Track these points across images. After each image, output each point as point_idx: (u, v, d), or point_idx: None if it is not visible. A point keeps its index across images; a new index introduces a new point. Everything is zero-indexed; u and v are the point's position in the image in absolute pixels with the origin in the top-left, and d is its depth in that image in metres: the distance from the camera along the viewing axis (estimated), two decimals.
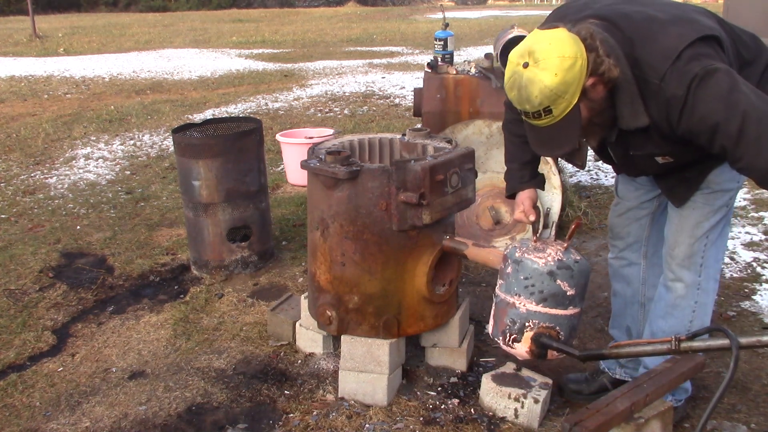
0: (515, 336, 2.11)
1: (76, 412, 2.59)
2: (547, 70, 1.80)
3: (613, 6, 2.02)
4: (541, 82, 1.81)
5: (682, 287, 2.32)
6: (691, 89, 1.81)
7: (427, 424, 2.43)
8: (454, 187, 2.49)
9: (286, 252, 4.02)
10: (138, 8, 27.26)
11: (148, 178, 5.57)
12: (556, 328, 2.09)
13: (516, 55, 1.88)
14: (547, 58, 1.80)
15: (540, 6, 27.91)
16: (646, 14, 1.96)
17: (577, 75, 1.82)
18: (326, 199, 2.50)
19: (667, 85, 1.85)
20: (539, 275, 2.07)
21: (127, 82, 10.09)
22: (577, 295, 2.11)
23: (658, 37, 1.88)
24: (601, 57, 1.84)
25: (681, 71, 1.82)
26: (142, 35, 16.47)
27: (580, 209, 4.29)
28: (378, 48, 13.68)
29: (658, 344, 1.92)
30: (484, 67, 4.12)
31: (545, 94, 1.82)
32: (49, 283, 3.66)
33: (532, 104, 1.86)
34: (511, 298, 2.12)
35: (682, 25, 1.90)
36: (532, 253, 2.12)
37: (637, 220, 2.50)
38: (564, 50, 1.80)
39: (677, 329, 2.37)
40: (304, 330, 2.89)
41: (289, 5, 28.50)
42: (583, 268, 2.13)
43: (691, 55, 1.82)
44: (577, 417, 2.02)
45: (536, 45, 1.83)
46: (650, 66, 1.87)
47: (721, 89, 1.78)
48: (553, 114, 1.87)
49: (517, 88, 1.87)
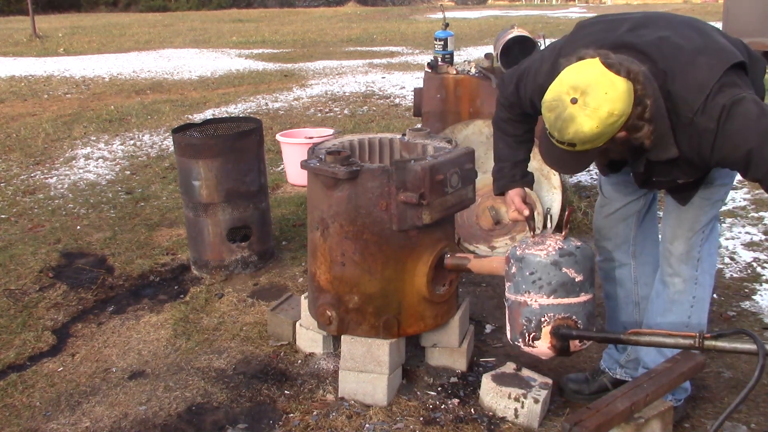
0: (534, 334, 2.08)
1: (76, 412, 2.59)
2: (591, 119, 1.79)
3: (639, 32, 2.00)
4: (581, 126, 1.80)
5: (680, 282, 2.32)
6: (721, 121, 1.83)
7: (427, 424, 2.43)
8: (454, 187, 2.49)
9: (286, 252, 4.02)
10: (138, 8, 27.26)
11: (148, 178, 5.57)
12: (572, 317, 2.06)
13: (569, 83, 1.83)
14: (598, 108, 1.78)
15: (540, 6, 27.90)
16: (672, 43, 1.94)
17: (615, 130, 1.83)
18: (326, 199, 2.50)
19: (699, 119, 1.86)
20: (544, 267, 2.05)
21: (127, 82, 10.09)
22: (586, 281, 2.09)
23: (689, 70, 1.88)
24: (644, 120, 1.84)
25: (710, 104, 1.84)
26: (142, 35, 16.47)
27: (581, 209, 4.29)
28: (378, 48, 13.68)
29: (680, 338, 1.89)
30: (484, 67, 4.13)
31: (578, 137, 1.83)
32: (49, 283, 3.66)
33: (561, 135, 1.86)
34: (521, 297, 2.09)
35: (710, 55, 1.90)
36: (532, 248, 2.11)
37: (624, 220, 2.50)
38: (616, 107, 1.78)
39: (676, 326, 2.37)
40: (304, 330, 2.89)
41: (289, 5, 28.50)
42: (586, 252, 2.11)
43: (718, 88, 1.84)
44: (577, 417, 2.02)
45: (593, 88, 1.79)
46: (684, 100, 1.87)
47: (750, 117, 1.80)
48: (575, 148, 1.89)
49: (556, 114, 1.85)
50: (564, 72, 1.87)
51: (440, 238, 2.55)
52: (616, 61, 1.83)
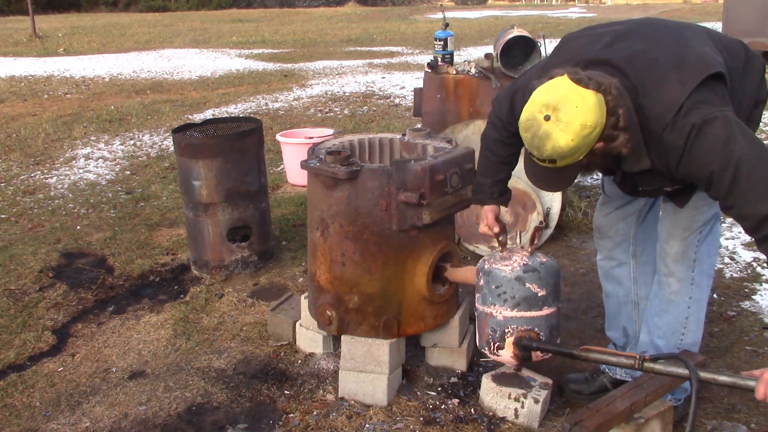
0: (498, 344, 2.23)
1: (76, 412, 2.59)
2: (566, 133, 1.82)
3: (617, 46, 2.02)
4: (557, 141, 1.83)
5: (675, 282, 2.33)
6: (690, 140, 1.86)
7: (427, 424, 2.43)
8: (454, 187, 2.49)
9: (286, 252, 4.02)
10: (138, 8, 27.26)
11: (148, 178, 5.57)
12: (534, 329, 2.20)
13: (540, 102, 1.87)
14: (570, 122, 1.81)
15: (540, 6, 27.90)
16: (647, 57, 1.97)
17: (591, 141, 1.85)
18: (326, 199, 2.50)
19: (668, 135, 1.89)
20: (508, 282, 2.20)
21: (127, 82, 10.09)
22: (550, 295, 2.23)
23: (660, 87, 1.91)
24: (618, 130, 1.87)
25: (680, 122, 1.87)
26: (142, 35, 16.48)
27: (580, 209, 4.29)
28: (378, 48, 13.68)
29: (623, 358, 2.04)
30: (484, 67, 4.13)
31: (557, 152, 1.85)
32: (49, 283, 3.66)
33: (540, 153, 1.89)
34: (488, 309, 2.24)
35: (684, 70, 1.92)
36: (499, 263, 2.25)
37: (624, 218, 2.50)
38: (587, 118, 1.81)
39: (673, 325, 2.37)
40: (304, 330, 2.89)
41: (289, 5, 28.50)
42: (550, 268, 2.25)
43: (690, 105, 1.86)
44: (577, 417, 2.02)
45: (564, 104, 1.82)
46: (654, 116, 1.90)
47: (718, 140, 1.83)
48: (557, 164, 1.91)
49: (532, 133, 1.88)
50: (535, 92, 1.92)
51: (440, 238, 2.56)
52: (585, 76, 1.87)
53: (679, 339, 2.38)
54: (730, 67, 2.03)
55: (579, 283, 3.56)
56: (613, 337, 2.68)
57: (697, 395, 1.79)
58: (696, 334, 2.40)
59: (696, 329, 2.39)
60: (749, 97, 2.13)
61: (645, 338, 2.49)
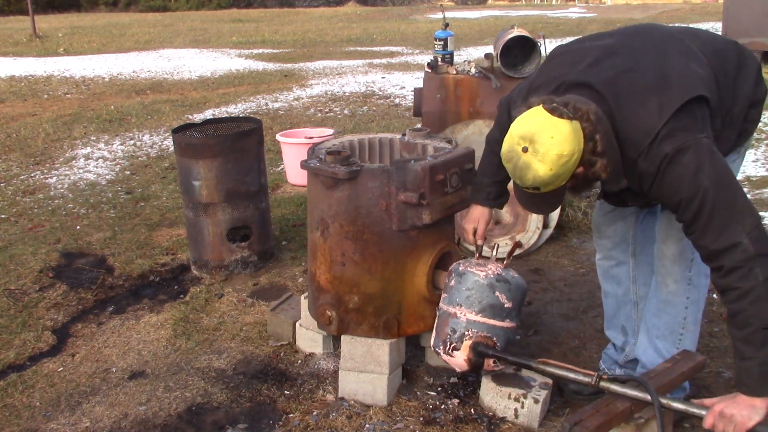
0: (455, 344, 2.28)
1: (76, 412, 2.59)
2: (544, 164, 1.86)
3: (600, 66, 2.04)
4: (536, 171, 1.88)
5: (672, 282, 2.33)
6: (661, 168, 1.91)
7: (427, 424, 2.43)
8: (454, 187, 2.49)
9: (286, 252, 4.02)
10: (138, 8, 27.27)
11: (148, 178, 5.57)
12: (493, 338, 2.27)
13: (517, 134, 1.91)
14: (547, 153, 1.85)
15: (540, 6, 27.90)
16: (628, 79, 1.99)
17: (571, 168, 1.90)
18: (326, 199, 2.50)
19: (642, 161, 1.94)
20: (480, 286, 2.26)
21: (127, 82, 10.09)
22: (514, 310, 2.29)
23: (638, 113, 1.93)
24: (596, 155, 1.91)
25: (654, 150, 1.90)
26: (142, 35, 16.48)
27: (580, 209, 4.29)
28: (378, 48, 13.68)
29: (581, 374, 2.11)
30: (484, 67, 4.12)
31: (538, 181, 1.91)
32: (49, 283, 3.66)
33: (523, 182, 1.95)
34: (453, 309, 2.30)
35: (663, 94, 1.93)
36: (474, 267, 2.32)
37: (623, 218, 2.51)
38: (563, 148, 1.85)
39: (671, 326, 2.37)
40: (304, 330, 2.89)
41: (289, 5, 28.50)
42: (519, 284, 2.32)
43: (665, 134, 1.89)
44: (577, 417, 2.02)
45: (539, 135, 1.86)
46: (631, 141, 1.94)
47: (688, 169, 1.87)
48: (541, 191, 1.96)
49: (513, 164, 1.93)
50: (513, 124, 1.96)
51: (440, 238, 2.56)
52: (561, 103, 1.90)
53: (678, 339, 2.38)
54: (718, 73, 2.05)
55: (579, 283, 3.56)
56: (612, 336, 2.68)
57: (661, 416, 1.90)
58: (694, 334, 2.40)
59: (694, 329, 2.39)
60: (745, 97, 2.13)
61: (644, 339, 2.49)
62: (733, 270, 1.84)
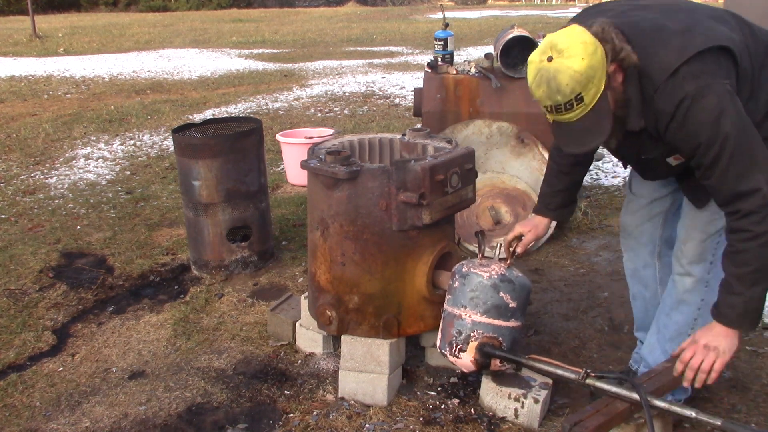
0: (461, 346, 2.29)
1: (76, 412, 2.59)
2: (574, 57, 1.83)
3: (628, 12, 2.03)
4: (570, 68, 1.83)
5: (690, 282, 2.30)
6: (681, 108, 1.86)
7: (427, 424, 2.43)
8: (454, 187, 2.49)
9: (286, 252, 4.02)
10: (138, 8, 27.25)
11: (148, 178, 5.57)
12: (498, 338, 2.27)
13: (537, 54, 1.90)
14: (571, 47, 1.84)
15: (540, 6, 27.90)
16: (655, 23, 1.96)
17: (601, 60, 1.85)
18: (326, 199, 2.50)
19: (659, 98, 1.90)
20: (484, 287, 2.26)
21: (127, 82, 10.09)
22: (518, 309, 2.29)
23: (659, 50, 1.90)
24: (618, 45, 1.88)
25: (674, 87, 1.86)
26: (142, 35, 16.47)
27: (581, 209, 4.29)
28: (378, 48, 13.68)
29: (569, 371, 2.12)
30: (484, 67, 4.12)
31: (576, 80, 1.84)
32: (49, 283, 3.66)
33: (564, 94, 1.86)
34: (457, 310, 2.30)
35: (688, 37, 1.90)
36: (477, 268, 2.32)
37: (650, 218, 2.48)
38: (584, 37, 1.85)
39: (681, 326, 2.35)
40: (304, 330, 2.89)
41: (289, 5, 28.49)
42: (523, 283, 2.32)
43: (687, 72, 1.86)
44: (577, 417, 2.02)
45: (556, 39, 1.87)
46: (649, 77, 1.91)
47: (710, 114, 1.84)
48: (585, 102, 1.87)
49: (545, 82, 1.87)
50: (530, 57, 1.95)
51: (440, 238, 2.56)
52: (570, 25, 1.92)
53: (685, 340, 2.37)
54: (752, 53, 2.00)
55: (579, 283, 3.56)
56: (641, 338, 2.66)
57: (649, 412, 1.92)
58: None
59: None
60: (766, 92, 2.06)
61: (652, 339, 2.47)
62: (750, 214, 1.86)
